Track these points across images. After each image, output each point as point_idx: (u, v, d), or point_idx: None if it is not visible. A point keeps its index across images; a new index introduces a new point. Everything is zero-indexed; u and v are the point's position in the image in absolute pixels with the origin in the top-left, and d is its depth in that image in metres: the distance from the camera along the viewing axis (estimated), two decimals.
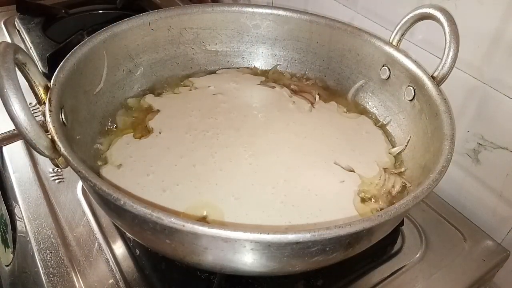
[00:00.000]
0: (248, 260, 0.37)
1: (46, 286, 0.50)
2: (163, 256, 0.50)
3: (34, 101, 0.44)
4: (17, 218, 0.61)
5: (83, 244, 0.54)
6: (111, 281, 0.51)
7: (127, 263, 0.53)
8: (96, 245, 0.54)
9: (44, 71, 0.81)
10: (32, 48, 0.89)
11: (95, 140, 0.55)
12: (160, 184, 0.50)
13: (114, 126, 0.59)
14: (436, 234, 0.61)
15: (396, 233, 0.60)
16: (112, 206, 0.39)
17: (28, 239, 0.55)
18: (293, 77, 0.72)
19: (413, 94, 0.57)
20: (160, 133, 0.58)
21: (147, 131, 0.58)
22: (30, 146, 0.39)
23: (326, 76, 0.71)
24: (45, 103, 0.43)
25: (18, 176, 0.63)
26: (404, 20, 0.58)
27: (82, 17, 1.05)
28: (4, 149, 0.67)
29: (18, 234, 0.61)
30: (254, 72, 0.73)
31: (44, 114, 0.42)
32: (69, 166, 0.39)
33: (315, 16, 0.68)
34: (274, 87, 0.69)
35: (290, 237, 0.34)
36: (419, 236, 0.60)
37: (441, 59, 0.53)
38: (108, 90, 0.60)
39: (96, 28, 0.58)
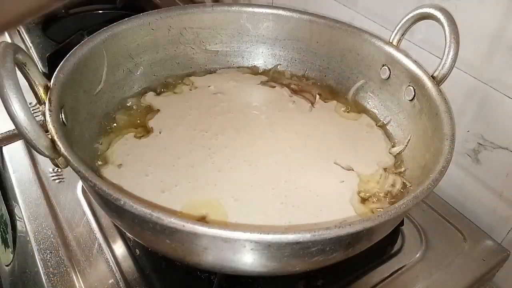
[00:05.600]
0: (248, 260, 0.37)
1: (46, 286, 0.50)
2: (163, 256, 0.50)
3: (34, 101, 0.44)
4: (17, 218, 0.61)
5: (83, 244, 0.54)
6: (111, 281, 0.51)
7: (127, 263, 0.53)
8: (96, 245, 0.54)
9: (44, 71, 0.81)
10: (32, 48, 0.89)
11: (95, 140, 0.55)
12: (159, 184, 0.50)
13: (114, 126, 0.59)
14: (436, 234, 0.61)
15: (396, 233, 0.60)
16: (112, 206, 0.39)
17: (28, 239, 0.55)
18: (293, 77, 0.72)
19: (413, 94, 0.57)
20: (160, 133, 0.58)
21: (147, 131, 0.58)
22: (30, 146, 0.39)
23: (326, 76, 0.71)
24: (45, 103, 0.43)
25: (18, 176, 0.63)
26: (404, 20, 0.58)
27: (82, 17, 1.04)
28: (4, 149, 0.67)
29: (18, 234, 0.61)
30: (254, 71, 0.73)
31: (44, 114, 0.42)
32: (69, 166, 0.39)
33: (315, 16, 0.68)
34: (274, 86, 0.69)
35: (290, 237, 0.34)
36: (419, 236, 0.60)
37: (441, 59, 0.53)
38: (108, 90, 0.60)
39: (96, 28, 0.58)
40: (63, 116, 0.45)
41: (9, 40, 0.94)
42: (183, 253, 0.39)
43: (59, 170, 0.64)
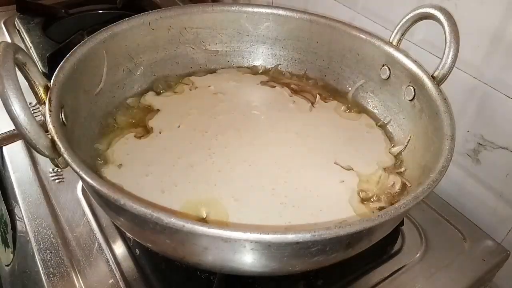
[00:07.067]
0: (248, 260, 0.37)
1: (46, 286, 0.50)
2: (163, 256, 0.50)
3: (34, 101, 0.44)
4: (17, 218, 0.61)
5: (83, 244, 0.54)
6: (111, 281, 0.51)
7: (127, 263, 0.53)
8: (96, 245, 0.54)
9: (44, 71, 0.81)
10: (32, 48, 0.89)
11: (95, 140, 0.55)
12: (159, 184, 0.50)
13: (114, 126, 0.59)
14: (436, 234, 0.61)
15: (396, 233, 0.60)
16: (112, 206, 0.39)
17: (28, 239, 0.55)
18: (293, 77, 0.72)
19: (413, 94, 0.57)
20: (160, 133, 0.58)
21: (147, 131, 0.58)
22: (30, 146, 0.39)
23: (326, 76, 0.71)
24: (45, 103, 0.43)
25: (18, 176, 0.63)
26: (404, 20, 0.58)
27: (82, 17, 1.04)
28: (4, 149, 0.67)
29: (18, 234, 0.61)
30: (254, 71, 0.73)
31: (44, 114, 0.42)
32: (69, 166, 0.39)
33: (315, 16, 0.68)
34: (274, 86, 0.69)
35: (290, 237, 0.34)
36: (419, 236, 0.60)
37: (441, 59, 0.53)
38: (108, 90, 0.60)
39: (96, 28, 0.58)
40: (63, 116, 0.45)
41: (9, 40, 0.94)
42: (183, 253, 0.39)
43: (59, 170, 0.64)
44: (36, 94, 0.44)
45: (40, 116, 0.43)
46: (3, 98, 0.37)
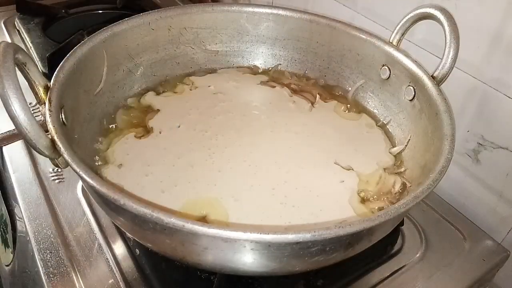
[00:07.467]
0: (248, 260, 0.37)
1: (46, 286, 0.50)
2: (163, 256, 0.50)
3: (34, 101, 0.44)
4: (17, 218, 0.61)
5: (83, 244, 0.54)
6: (111, 281, 0.51)
7: (127, 263, 0.53)
8: (96, 245, 0.54)
9: (44, 71, 0.81)
10: (32, 48, 0.89)
11: (95, 140, 0.55)
12: (159, 184, 0.50)
13: (114, 126, 0.59)
14: (436, 234, 0.61)
15: (396, 233, 0.60)
16: (112, 206, 0.39)
17: (28, 239, 0.55)
18: (293, 77, 0.72)
19: (413, 94, 0.57)
20: (160, 132, 0.58)
21: (147, 131, 0.58)
22: (30, 146, 0.39)
23: (326, 76, 0.71)
24: (45, 103, 0.43)
25: (18, 176, 0.63)
26: (404, 20, 0.58)
27: (82, 17, 1.05)
28: (4, 149, 0.67)
29: (18, 234, 0.61)
30: (254, 71, 0.73)
31: (44, 114, 0.42)
32: (69, 166, 0.39)
33: (315, 16, 0.68)
34: (274, 86, 0.69)
35: (290, 237, 0.34)
36: (419, 236, 0.60)
37: (441, 59, 0.53)
38: (108, 90, 0.60)
39: (96, 28, 0.58)
40: (63, 116, 0.45)
41: (9, 40, 0.94)
42: (183, 253, 0.39)
43: (59, 170, 0.64)
44: (36, 94, 0.44)
45: (40, 116, 0.43)
46: (3, 98, 0.37)
